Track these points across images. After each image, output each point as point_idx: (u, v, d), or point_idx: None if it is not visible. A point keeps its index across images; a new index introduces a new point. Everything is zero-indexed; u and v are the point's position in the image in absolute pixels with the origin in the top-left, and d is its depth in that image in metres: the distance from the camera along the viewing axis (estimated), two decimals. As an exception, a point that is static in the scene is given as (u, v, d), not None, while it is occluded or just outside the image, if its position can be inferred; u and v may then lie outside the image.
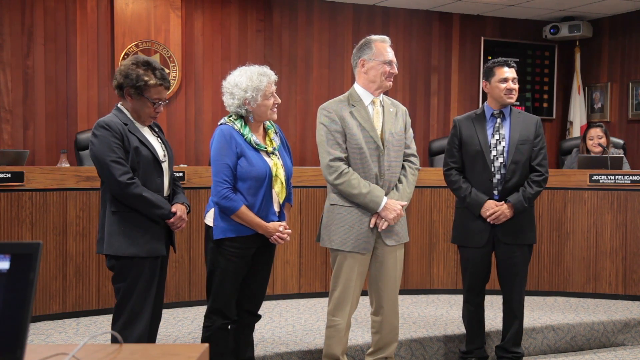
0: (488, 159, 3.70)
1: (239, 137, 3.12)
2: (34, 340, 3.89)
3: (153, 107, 2.99)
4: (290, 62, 7.11)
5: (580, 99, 7.88)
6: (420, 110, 7.63)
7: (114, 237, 2.91)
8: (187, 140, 6.64)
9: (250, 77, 3.13)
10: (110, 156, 2.86)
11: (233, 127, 3.14)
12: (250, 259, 3.21)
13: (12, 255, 1.42)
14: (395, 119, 3.40)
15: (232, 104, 3.16)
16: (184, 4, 6.62)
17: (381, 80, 3.35)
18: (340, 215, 3.33)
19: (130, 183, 2.86)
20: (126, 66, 2.96)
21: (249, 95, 3.11)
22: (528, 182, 3.73)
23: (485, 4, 7.29)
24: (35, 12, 6.13)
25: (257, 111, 3.15)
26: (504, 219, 3.68)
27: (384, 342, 3.50)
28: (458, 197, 3.81)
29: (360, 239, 3.31)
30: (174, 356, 1.53)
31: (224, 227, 3.12)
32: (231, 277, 3.16)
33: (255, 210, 3.12)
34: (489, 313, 4.31)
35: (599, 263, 5.15)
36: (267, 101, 3.15)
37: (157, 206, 2.95)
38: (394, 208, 3.28)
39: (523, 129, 3.74)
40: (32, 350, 1.45)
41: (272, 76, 3.19)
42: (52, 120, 6.24)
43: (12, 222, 4.23)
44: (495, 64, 3.78)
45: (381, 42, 3.38)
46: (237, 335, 3.34)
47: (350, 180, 3.25)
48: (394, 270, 3.42)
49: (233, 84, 3.16)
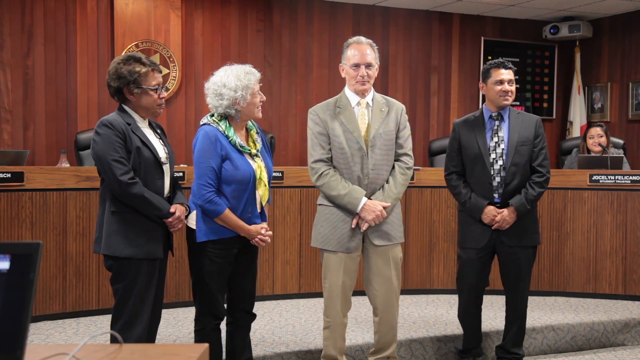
0: (487, 162, 3.67)
1: (224, 139, 3.11)
2: (34, 340, 3.89)
3: (156, 93, 2.99)
4: (290, 62, 7.11)
5: (580, 99, 7.88)
6: (420, 110, 7.63)
7: (112, 237, 2.90)
8: (187, 140, 6.64)
9: (237, 76, 3.11)
10: (112, 155, 2.86)
11: (217, 129, 3.12)
12: (233, 259, 3.21)
13: (12, 255, 1.42)
14: (386, 118, 3.39)
15: (221, 105, 3.12)
16: (184, 4, 6.62)
17: (354, 85, 3.36)
18: (325, 215, 3.39)
19: (131, 183, 2.86)
20: (114, 69, 2.95)
21: (239, 95, 3.10)
22: (530, 184, 3.70)
23: (485, 4, 7.29)
24: (35, 12, 6.13)
25: (246, 110, 3.15)
26: (507, 226, 3.66)
27: (383, 342, 3.51)
28: (458, 201, 3.81)
29: (344, 238, 3.34)
30: (174, 356, 1.53)
31: (207, 229, 3.12)
32: (216, 278, 3.16)
33: (239, 213, 3.12)
34: (489, 313, 4.32)
35: (599, 263, 5.14)
36: (254, 99, 3.15)
37: (157, 207, 2.95)
38: (373, 209, 3.28)
39: (522, 130, 3.71)
40: (32, 350, 1.45)
41: (257, 74, 3.19)
42: (52, 120, 6.24)
43: (12, 222, 4.23)
44: (491, 65, 3.75)
45: (355, 44, 3.35)
46: (233, 336, 3.33)
47: (330, 181, 3.30)
48: (387, 270, 3.40)
49: (220, 85, 3.11)
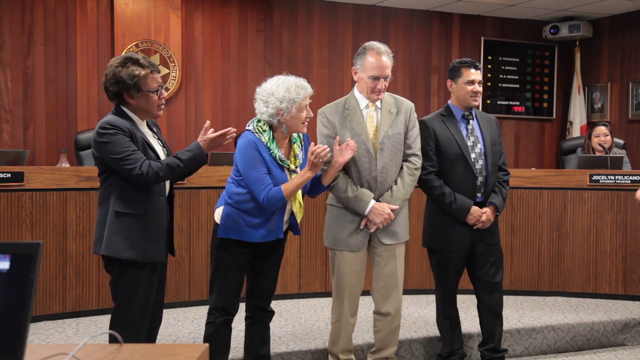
0: (470, 162, 3.61)
1: (265, 152, 3.10)
2: (34, 340, 3.89)
3: (156, 94, 2.95)
4: (290, 62, 7.11)
5: (580, 99, 7.88)
6: (420, 110, 7.60)
7: (112, 238, 2.85)
8: (187, 140, 6.64)
9: (288, 88, 3.08)
10: (122, 153, 2.80)
11: (260, 139, 3.11)
12: (252, 257, 3.22)
13: (12, 255, 1.42)
14: (395, 120, 3.40)
15: (265, 112, 3.11)
16: (184, 4, 6.62)
17: (367, 94, 3.37)
18: (334, 215, 3.41)
19: (147, 171, 2.80)
20: (112, 73, 2.88)
21: (284, 106, 3.08)
22: (500, 183, 3.72)
23: (485, 4, 7.29)
24: (35, 12, 6.13)
25: (289, 123, 3.12)
26: (489, 225, 3.65)
27: (385, 341, 3.51)
28: (441, 202, 3.61)
29: (352, 237, 3.36)
30: (174, 356, 1.53)
31: (229, 227, 3.13)
32: (234, 274, 3.18)
33: (266, 224, 3.14)
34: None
35: (599, 263, 5.14)
36: (300, 114, 3.12)
37: (189, 162, 2.96)
38: (382, 212, 3.31)
39: (490, 130, 3.71)
40: (32, 350, 1.45)
41: (308, 89, 3.15)
42: (52, 120, 6.24)
43: (12, 222, 4.23)
44: (462, 64, 3.68)
45: (376, 53, 3.33)
46: (251, 331, 3.36)
47: (338, 184, 3.32)
48: (393, 268, 3.44)
49: (269, 92, 3.10)
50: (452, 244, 3.65)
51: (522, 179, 5.18)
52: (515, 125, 8.05)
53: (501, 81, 7.97)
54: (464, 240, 3.64)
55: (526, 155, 8.08)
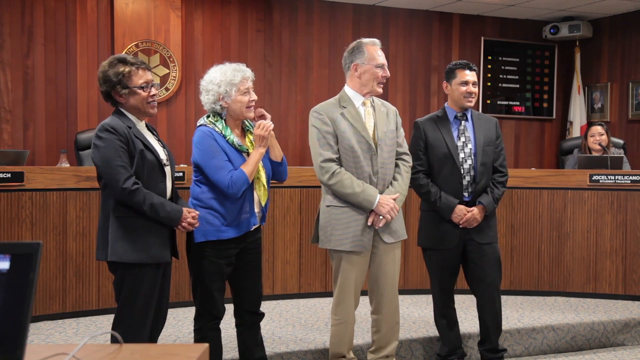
0: (457, 162, 3.66)
1: (221, 139, 3.10)
2: (34, 340, 3.89)
3: (144, 91, 2.93)
4: (290, 62, 7.11)
5: (580, 99, 7.88)
6: (420, 110, 7.63)
7: (117, 242, 2.85)
8: (187, 140, 6.64)
9: (224, 72, 3.12)
10: (115, 161, 2.81)
11: (214, 129, 3.12)
12: (232, 259, 3.20)
13: (12, 255, 1.42)
14: (387, 118, 3.45)
15: (208, 101, 3.14)
16: (184, 4, 6.62)
17: (372, 85, 3.40)
18: (337, 216, 3.37)
19: (135, 190, 2.81)
20: (102, 73, 2.93)
21: (222, 90, 3.09)
22: (494, 184, 3.75)
23: (485, 4, 7.29)
24: (35, 12, 6.13)
25: (232, 107, 3.13)
26: (475, 224, 3.67)
27: (384, 340, 3.52)
28: (427, 201, 3.72)
29: (357, 238, 3.35)
30: (174, 356, 1.53)
31: (205, 230, 3.11)
32: (215, 278, 3.16)
33: (237, 213, 3.12)
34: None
35: (599, 263, 5.14)
36: (242, 97, 3.12)
37: (166, 218, 2.90)
38: (387, 203, 3.32)
39: (486, 131, 3.75)
40: (32, 350, 1.45)
41: (247, 72, 3.16)
42: (52, 120, 6.24)
43: (12, 222, 4.23)
44: (457, 65, 3.75)
45: (372, 45, 3.41)
46: (243, 336, 3.35)
47: (343, 180, 3.30)
48: (393, 267, 3.46)
49: (208, 81, 3.14)
50: (442, 242, 3.71)
51: (522, 179, 5.19)
52: (515, 125, 8.05)
53: (501, 81, 7.98)
54: (453, 238, 3.68)
55: (526, 155, 8.08)
